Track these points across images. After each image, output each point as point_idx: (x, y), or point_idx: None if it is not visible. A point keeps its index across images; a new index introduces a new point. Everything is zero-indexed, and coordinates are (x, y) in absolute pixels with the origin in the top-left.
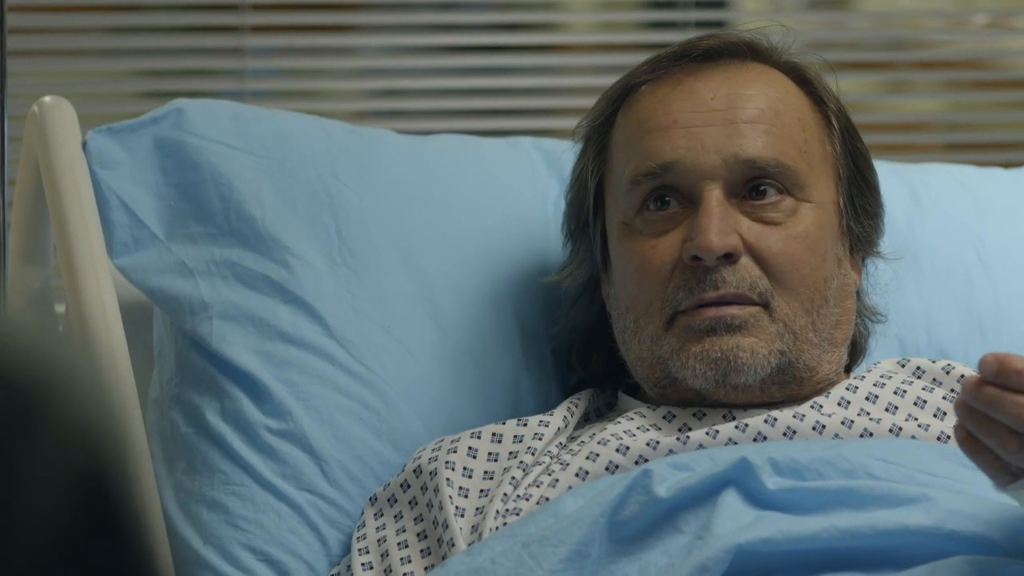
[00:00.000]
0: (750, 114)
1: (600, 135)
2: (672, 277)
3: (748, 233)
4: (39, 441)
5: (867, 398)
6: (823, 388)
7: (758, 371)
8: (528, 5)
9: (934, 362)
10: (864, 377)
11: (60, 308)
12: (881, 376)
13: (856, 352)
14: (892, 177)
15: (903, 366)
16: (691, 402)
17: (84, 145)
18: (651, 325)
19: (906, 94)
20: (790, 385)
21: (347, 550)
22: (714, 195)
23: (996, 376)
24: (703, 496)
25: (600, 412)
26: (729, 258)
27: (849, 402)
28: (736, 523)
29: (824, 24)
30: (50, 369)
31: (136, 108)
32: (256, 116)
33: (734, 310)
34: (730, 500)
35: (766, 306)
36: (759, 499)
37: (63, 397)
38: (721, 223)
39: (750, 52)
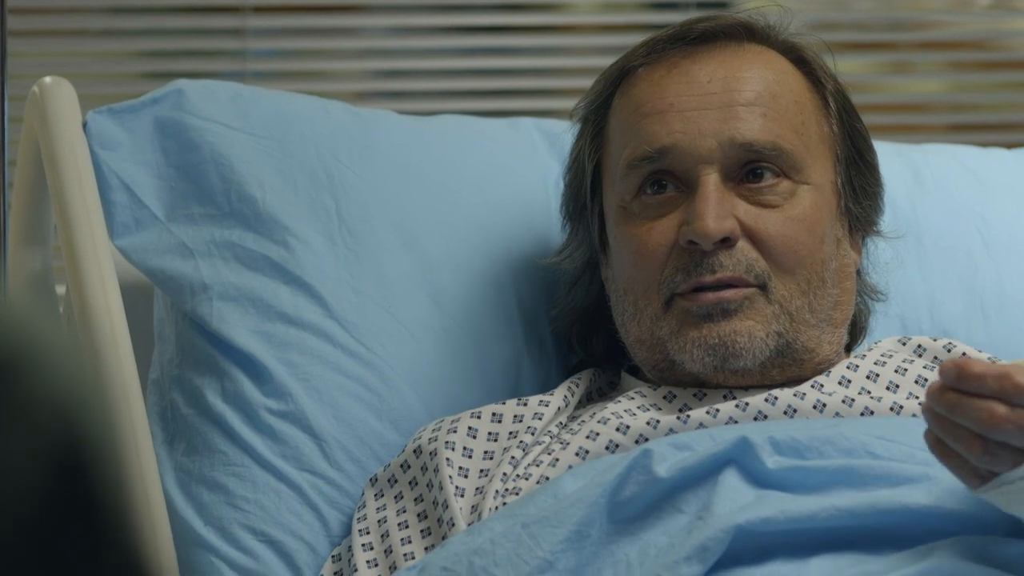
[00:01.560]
0: (746, 97)
1: (597, 117)
2: (669, 260)
3: (745, 216)
4: (12, 414)
5: (868, 376)
6: (824, 369)
7: (756, 355)
8: None
9: (935, 340)
10: (865, 356)
11: (61, 289)
12: (882, 355)
13: (857, 331)
14: (895, 158)
15: (904, 344)
16: (691, 384)
17: (85, 126)
18: (649, 307)
19: (909, 75)
20: (790, 367)
21: (348, 531)
22: (711, 179)
23: (956, 381)
24: (703, 476)
25: (602, 391)
26: (726, 242)
27: (850, 381)
28: (736, 503)
29: (827, 4)
30: (26, 341)
31: (137, 89)
32: (257, 97)
33: (729, 294)
34: (730, 480)
35: (763, 287)
36: (759, 478)
37: (39, 370)
38: (718, 207)
39: (747, 33)
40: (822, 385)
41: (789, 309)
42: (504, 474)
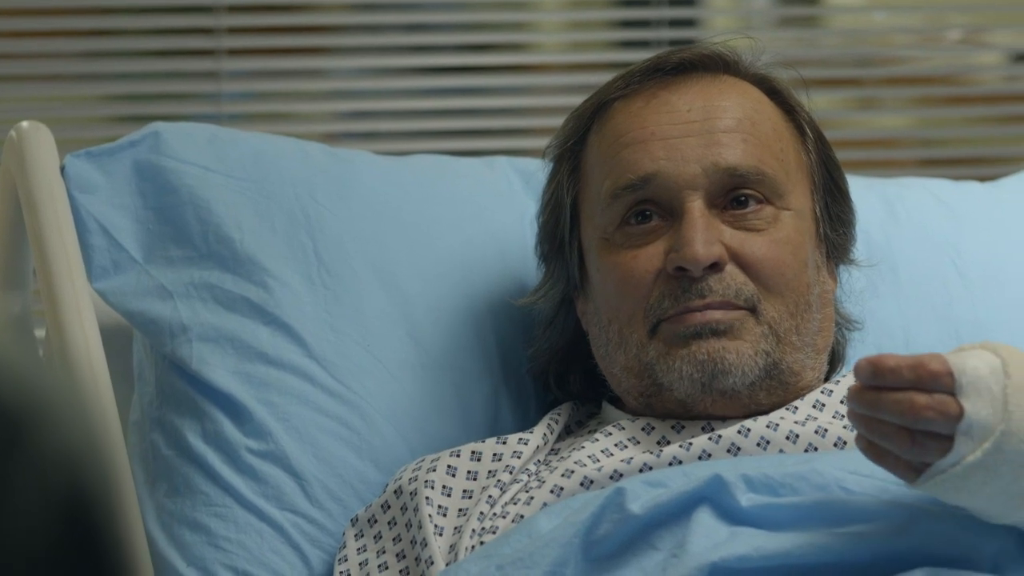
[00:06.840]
0: (727, 124)
1: (573, 154)
2: (655, 287)
3: (731, 241)
4: (23, 467)
5: (842, 401)
6: (806, 396)
7: (746, 373)
8: (498, 26)
9: None
10: (839, 381)
11: (40, 333)
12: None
13: (835, 360)
14: (867, 192)
15: None
16: (673, 414)
17: (62, 169)
18: (635, 334)
19: (877, 110)
20: (776, 391)
21: (330, 569)
22: (696, 205)
23: (872, 378)
24: (677, 513)
25: (581, 423)
26: (715, 267)
27: (824, 405)
28: (710, 540)
29: (795, 41)
30: (33, 393)
31: (113, 132)
32: (233, 139)
33: (718, 315)
34: (704, 517)
35: (752, 310)
36: (733, 516)
37: (47, 422)
38: (705, 233)
39: (722, 65)
40: (796, 408)
41: (777, 331)
42: (481, 513)
